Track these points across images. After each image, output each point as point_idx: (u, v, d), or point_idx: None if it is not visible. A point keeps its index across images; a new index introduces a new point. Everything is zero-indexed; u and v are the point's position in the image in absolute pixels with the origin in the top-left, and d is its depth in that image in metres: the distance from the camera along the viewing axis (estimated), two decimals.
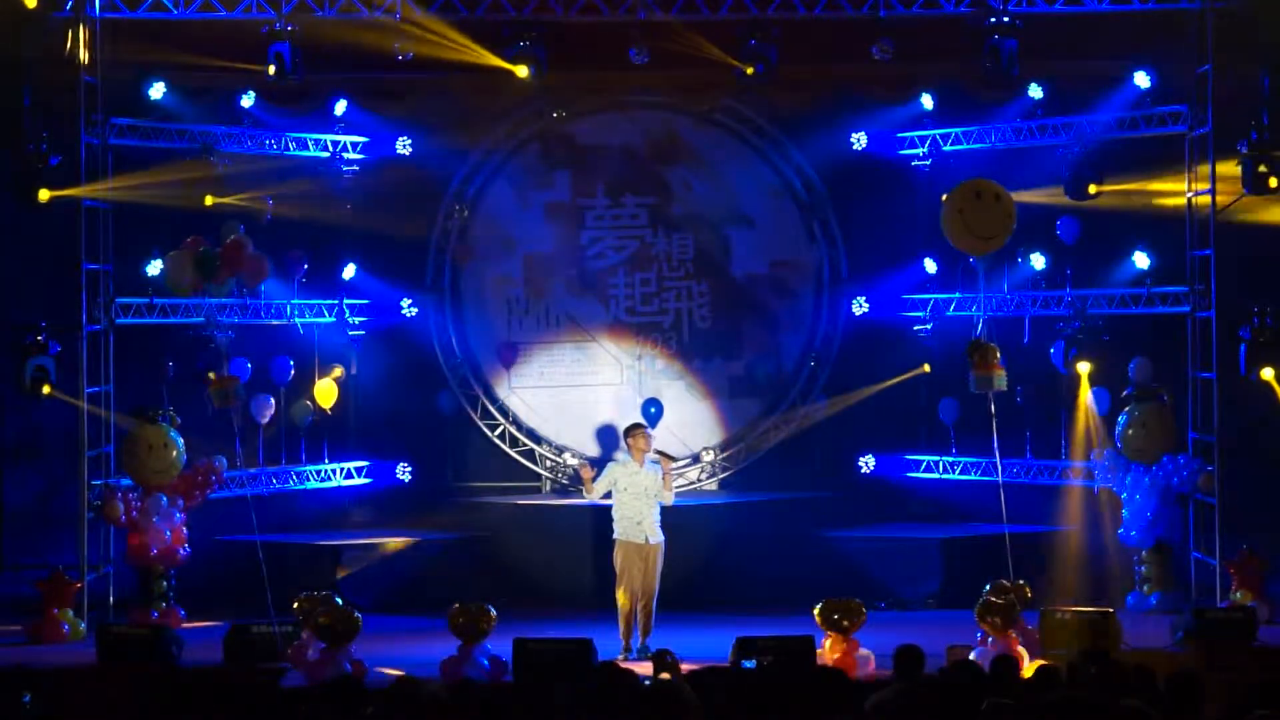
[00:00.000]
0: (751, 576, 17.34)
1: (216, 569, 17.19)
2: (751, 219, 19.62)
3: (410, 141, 19.04)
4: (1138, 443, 17.10)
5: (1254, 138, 16.22)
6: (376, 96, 18.85)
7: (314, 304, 18.66)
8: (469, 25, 17.22)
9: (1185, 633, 14.69)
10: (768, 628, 13.99)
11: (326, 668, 13.51)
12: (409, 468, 19.18)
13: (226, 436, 17.54)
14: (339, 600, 14.61)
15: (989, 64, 16.86)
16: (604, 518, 15.37)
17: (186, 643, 14.68)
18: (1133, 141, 17.56)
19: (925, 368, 19.10)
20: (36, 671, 13.51)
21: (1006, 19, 16.73)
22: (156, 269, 16.91)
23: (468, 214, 19.52)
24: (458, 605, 14.16)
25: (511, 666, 13.76)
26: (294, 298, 18.39)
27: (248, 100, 18.06)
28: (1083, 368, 17.72)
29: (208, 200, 17.53)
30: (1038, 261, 18.16)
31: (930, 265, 18.95)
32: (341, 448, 19.08)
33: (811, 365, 19.55)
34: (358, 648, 14.01)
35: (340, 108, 18.67)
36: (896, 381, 18.99)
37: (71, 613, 15.95)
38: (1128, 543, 17.13)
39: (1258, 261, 17.25)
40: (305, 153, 18.63)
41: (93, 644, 14.84)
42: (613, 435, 18.90)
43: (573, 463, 19.06)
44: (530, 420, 19.58)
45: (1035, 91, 18.14)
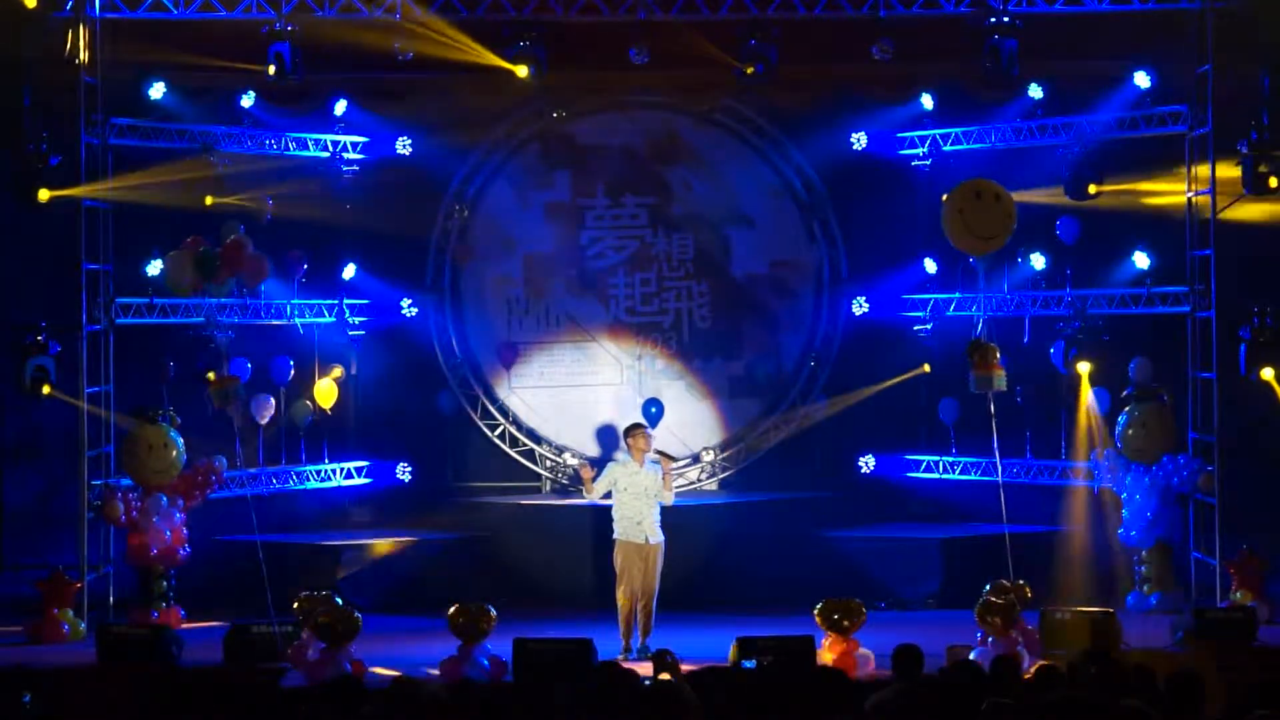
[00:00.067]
0: (751, 576, 17.32)
1: (216, 569, 17.18)
2: (751, 219, 19.61)
3: (410, 141, 19.03)
4: (1138, 443, 17.09)
5: (1254, 138, 16.21)
6: (376, 96, 18.83)
7: (314, 304, 18.66)
8: (469, 25, 17.21)
9: (1185, 633, 14.69)
10: (768, 628, 13.99)
11: (326, 668, 13.50)
12: (409, 468, 19.17)
13: (226, 436, 17.61)
14: (339, 600, 14.61)
15: (989, 64, 16.85)
16: (604, 518, 15.36)
17: (186, 643, 14.68)
18: (1133, 141, 17.55)
19: (925, 368, 19.09)
20: (36, 671, 13.53)
21: (1006, 19, 16.72)
22: (156, 269, 16.90)
23: (468, 214, 19.51)
24: (458, 605, 14.15)
25: (511, 666, 13.76)
26: (294, 298, 18.38)
27: (248, 100, 18.05)
28: (1083, 368, 17.71)
29: (208, 200, 17.53)
30: (1038, 261, 18.15)
31: (930, 265, 18.95)
32: (341, 448, 19.07)
33: (811, 365, 19.55)
34: (358, 648, 14.00)
35: (340, 108, 18.66)
36: (896, 381, 18.98)
37: (71, 613, 15.93)
38: (1128, 543, 17.12)
39: (1258, 261, 17.24)
40: (305, 153, 18.62)
41: (93, 644, 14.83)
42: (613, 435, 18.89)
43: (573, 463, 19.05)
44: (530, 420, 19.57)
45: (1035, 91, 18.14)
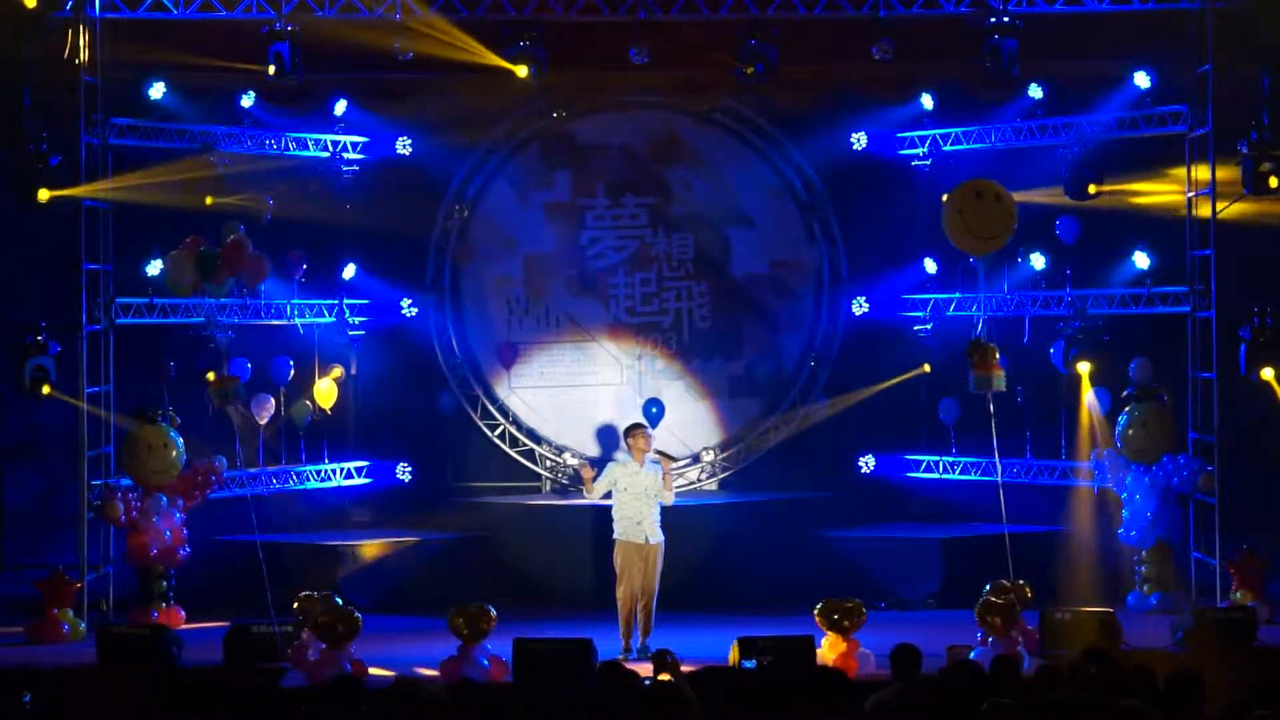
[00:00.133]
0: (751, 576, 17.32)
1: (216, 569, 17.17)
2: (751, 219, 19.61)
3: (410, 141, 19.03)
4: (1138, 443, 17.08)
5: (1254, 138, 16.21)
6: (376, 96, 18.83)
7: (314, 304, 18.65)
8: (469, 25, 17.20)
9: (1185, 633, 14.69)
10: (768, 628, 14.01)
11: (326, 668, 13.49)
12: (409, 468, 19.17)
13: (226, 436, 17.61)
14: (339, 600, 14.61)
15: (989, 64, 16.84)
16: (604, 518, 15.36)
17: (186, 643, 14.69)
18: (1133, 141, 17.55)
19: (925, 368, 19.08)
20: (36, 671, 13.54)
21: (1006, 19, 16.71)
22: (156, 269, 16.90)
23: (468, 214, 19.51)
24: (458, 605, 14.16)
25: (511, 666, 13.77)
26: (294, 298, 18.38)
27: (248, 100, 18.05)
28: (1083, 368, 17.70)
29: (208, 200, 17.52)
30: (1038, 261, 18.15)
31: (930, 265, 18.94)
32: (341, 448, 19.07)
33: (811, 365, 19.55)
34: (358, 648, 14.01)
35: (340, 108, 18.65)
36: (896, 381, 18.97)
37: (71, 613, 15.92)
38: (1128, 543, 17.11)
39: (1258, 261, 17.23)
40: (305, 153, 18.62)
41: (93, 644, 14.84)
42: (613, 435, 18.89)
43: (573, 463, 19.05)
44: (530, 420, 19.57)
45: (1035, 91, 18.14)
